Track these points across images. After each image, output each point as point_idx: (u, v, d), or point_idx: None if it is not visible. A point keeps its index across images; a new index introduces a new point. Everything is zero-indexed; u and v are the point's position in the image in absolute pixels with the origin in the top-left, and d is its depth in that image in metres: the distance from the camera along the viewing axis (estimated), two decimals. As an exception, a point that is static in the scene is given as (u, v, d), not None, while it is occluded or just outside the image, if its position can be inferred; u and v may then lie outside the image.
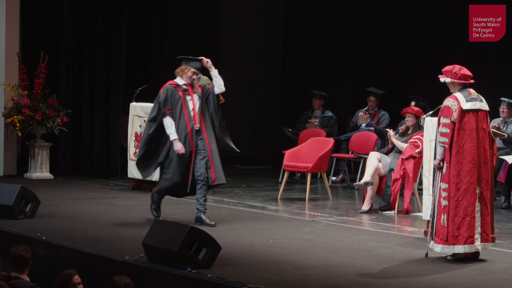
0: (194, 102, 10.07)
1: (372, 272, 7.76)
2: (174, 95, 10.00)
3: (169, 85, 10.08)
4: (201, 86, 10.21)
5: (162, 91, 10.06)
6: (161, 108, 9.96)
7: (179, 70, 10.13)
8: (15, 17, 14.10)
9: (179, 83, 10.09)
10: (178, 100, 9.97)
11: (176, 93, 10.01)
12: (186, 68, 10.11)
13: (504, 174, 11.78)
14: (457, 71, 8.26)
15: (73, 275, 6.47)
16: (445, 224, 8.12)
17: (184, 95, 10.04)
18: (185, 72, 10.08)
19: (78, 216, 10.50)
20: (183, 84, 10.08)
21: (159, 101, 10.00)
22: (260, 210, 11.37)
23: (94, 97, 14.53)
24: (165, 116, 9.93)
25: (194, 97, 10.09)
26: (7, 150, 14.11)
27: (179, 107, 9.95)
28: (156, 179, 12.39)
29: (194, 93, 10.11)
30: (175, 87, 10.05)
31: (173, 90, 10.02)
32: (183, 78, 10.10)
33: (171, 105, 9.95)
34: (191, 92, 10.10)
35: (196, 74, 10.18)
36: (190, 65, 10.13)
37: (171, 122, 9.91)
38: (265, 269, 7.79)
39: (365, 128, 14.36)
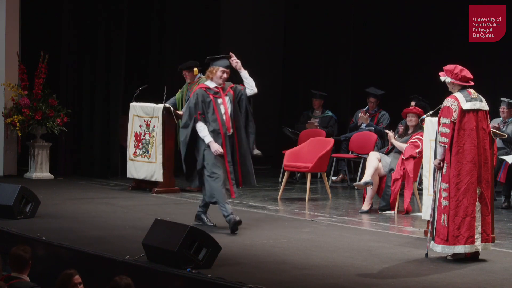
0: (226, 106, 9.67)
1: (372, 272, 7.76)
2: (205, 99, 9.58)
3: (199, 89, 9.69)
4: (232, 88, 9.77)
5: (193, 95, 9.72)
6: (192, 114, 9.57)
7: (208, 72, 9.71)
8: (15, 17, 14.10)
9: (209, 86, 9.66)
10: (209, 104, 9.58)
11: (206, 96, 9.60)
12: (214, 69, 9.66)
13: (504, 174, 11.78)
14: (458, 72, 8.26)
15: (73, 275, 6.47)
16: (445, 224, 8.12)
17: (215, 98, 9.63)
18: (214, 73, 9.66)
19: (78, 216, 10.50)
20: (214, 87, 9.66)
21: (189, 106, 9.63)
22: (260, 210, 11.37)
23: (94, 97, 14.53)
24: (197, 121, 9.55)
25: (226, 100, 9.67)
26: (7, 150, 14.11)
27: (211, 111, 9.56)
28: (156, 179, 12.45)
29: (225, 96, 9.68)
30: (206, 91, 9.63)
31: (203, 94, 9.61)
32: (213, 80, 9.67)
33: (202, 109, 9.56)
34: (222, 95, 9.67)
35: (226, 73, 9.67)
36: (217, 64, 9.68)
37: (204, 126, 9.54)
38: (265, 269, 7.79)
39: (365, 128, 14.36)
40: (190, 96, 12.50)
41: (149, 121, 12.54)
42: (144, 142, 12.56)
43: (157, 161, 12.37)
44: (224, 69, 9.64)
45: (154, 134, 12.44)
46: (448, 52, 14.52)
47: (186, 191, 12.72)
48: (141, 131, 12.62)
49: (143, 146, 12.56)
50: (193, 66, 12.71)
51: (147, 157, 12.51)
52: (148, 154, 12.49)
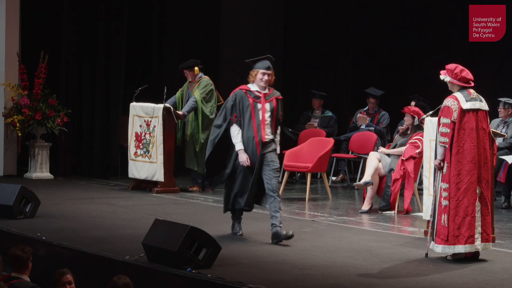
0: (265, 113, 9.01)
1: (372, 272, 7.76)
2: (244, 101, 8.99)
3: (239, 90, 9.10)
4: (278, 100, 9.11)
5: (231, 96, 9.10)
6: (228, 115, 9.03)
7: (249, 75, 9.13)
8: (15, 17, 14.10)
9: (251, 88, 9.06)
10: (248, 107, 8.97)
11: (246, 99, 9.00)
12: (254, 71, 9.08)
13: (504, 174, 11.79)
14: (458, 72, 8.26)
15: (65, 274, 6.49)
16: (445, 224, 8.12)
17: (255, 103, 9.00)
18: (254, 76, 9.07)
19: (78, 216, 10.50)
20: (255, 91, 9.04)
21: (226, 107, 9.07)
22: (260, 210, 11.35)
23: (94, 97, 14.53)
24: (232, 124, 9.00)
25: (266, 107, 9.02)
26: (7, 150, 14.11)
27: (248, 116, 8.97)
28: (157, 179, 12.45)
29: (267, 103, 9.04)
30: (246, 93, 9.04)
31: (242, 96, 9.02)
32: (255, 84, 9.06)
33: (239, 112, 8.98)
34: (263, 100, 9.03)
35: (267, 75, 9.04)
36: (256, 66, 9.09)
37: (238, 131, 8.99)
38: (265, 269, 7.79)
39: (365, 128, 14.36)
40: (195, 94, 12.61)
41: (149, 121, 12.54)
42: (145, 142, 12.56)
43: (158, 161, 12.37)
44: (264, 71, 9.04)
45: (154, 134, 12.44)
46: (448, 52, 14.52)
47: (186, 191, 12.72)
48: (142, 131, 12.62)
49: (144, 146, 12.56)
50: (194, 65, 12.73)
51: (148, 157, 12.51)
52: (149, 154, 12.49)
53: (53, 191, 12.54)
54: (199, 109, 12.53)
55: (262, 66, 9.05)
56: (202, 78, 12.77)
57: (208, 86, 12.65)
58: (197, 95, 12.53)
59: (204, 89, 12.60)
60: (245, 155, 8.94)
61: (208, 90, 12.62)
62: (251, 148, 8.97)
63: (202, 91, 12.57)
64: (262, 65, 9.07)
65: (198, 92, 12.55)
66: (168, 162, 12.43)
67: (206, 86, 12.65)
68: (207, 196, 12.39)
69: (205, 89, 12.61)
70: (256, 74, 9.05)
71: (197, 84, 12.71)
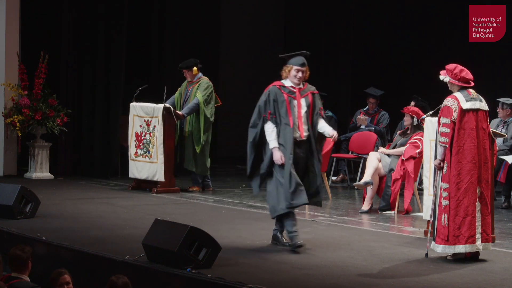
0: (301, 109, 8.66)
1: (372, 272, 7.76)
2: (278, 97, 8.63)
3: (273, 86, 8.74)
4: (313, 95, 8.78)
5: (265, 92, 8.75)
6: (262, 112, 8.65)
7: (283, 71, 8.80)
8: (15, 17, 14.10)
9: (285, 84, 8.72)
10: (283, 103, 8.61)
11: (280, 95, 8.64)
12: (288, 67, 8.75)
13: (504, 174, 11.79)
14: (457, 72, 8.26)
15: (62, 274, 6.48)
16: (445, 224, 8.12)
17: (290, 99, 8.64)
18: (288, 72, 8.74)
19: (78, 216, 10.50)
20: (289, 86, 8.70)
21: (259, 105, 8.70)
22: (260, 210, 11.36)
23: (94, 97, 14.53)
24: (266, 122, 8.60)
25: (302, 102, 8.68)
26: (7, 150, 14.11)
27: (284, 112, 8.59)
28: (158, 179, 12.44)
29: (302, 98, 8.70)
30: (280, 89, 8.70)
31: (277, 92, 8.66)
32: (289, 79, 8.73)
33: (274, 109, 8.61)
34: (298, 95, 8.69)
35: (301, 72, 8.69)
36: (291, 62, 8.75)
37: (272, 128, 8.57)
38: (265, 269, 7.79)
39: (365, 128, 14.36)
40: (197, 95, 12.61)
41: (149, 121, 12.54)
42: (145, 142, 12.56)
43: (159, 161, 12.37)
44: (299, 68, 8.69)
45: (154, 134, 12.44)
46: (448, 52, 14.53)
47: (186, 191, 12.72)
48: (142, 131, 12.62)
49: (144, 146, 12.56)
50: (193, 65, 12.72)
51: (148, 157, 12.51)
52: (149, 154, 12.49)
53: (53, 191, 12.54)
54: (201, 111, 12.53)
55: (296, 62, 8.73)
56: (202, 79, 12.77)
57: (209, 88, 12.65)
58: (200, 97, 12.52)
59: (206, 91, 12.60)
60: (280, 153, 8.50)
61: (209, 92, 12.63)
62: (288, 145, 8.52)
63: (204, 93, 12.57)
64: (296, 61, 8.74)
65: (200, 94, 12.54)
66: (168, 162, 12.43)
67: (207, 88, 12.64)
68: (207, 196, 12.39)
69: (207, 91, 12.61)
70: (290, 70, 8.73)
71: (196, 84, 12.70)
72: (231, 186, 13.54)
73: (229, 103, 16.11)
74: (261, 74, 17.96)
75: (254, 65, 18.04)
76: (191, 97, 12.67)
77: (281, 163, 8.47)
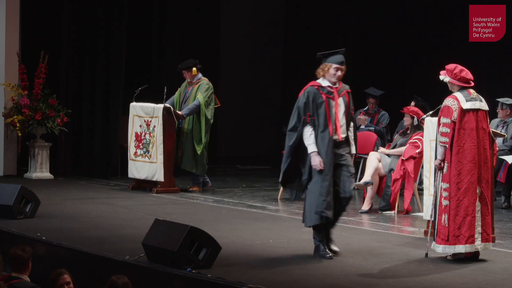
0: (338, 109, 8.32)
1: (372, 272, 7.76)
2: (317, 98, 8.28)
3: (310, 86, 8.39)
4: (349, 94, 8.47)
5: (302, 93, 8.39)
6: (301, 115, 8.27)
7: (319, 70, 8.43)
8: (15, 17, 14.10)
9: (322, 84, 8.36)
10: (321, 104, 8.27)
11: (319, 96, 8.30)
12: (326, 66, 8.37)
13: (504, 174, 11.79)
14: (457, 72, 8.26)
15: (62, 274, 6.48)
16: (446, 224, 8.12)
17: (328, 99, 8.30)
18: (326, 71, 8.36)
19: (78, 216, 10.50)
20: (327, 86, 8.35)
21: (298, 106, 8.32)
22: (260, 210, 11.37)
23: (94, 97, 14.53)
24: (306, 124, 8.25)
25: (340, 102, 8.34)
26: (7, 150, 14.11)
27: (322, 114, 8.25)
28: (157, 179, 12.44)
29: (339, 98, 8.35)
30: (318, 89, 8.34)
31: (315, 93, 8.31)
32: (326, 79, 8.38)
33: (313, 110, 8.26)
34: (336, 95, 8.34)
35: (340, 70, 8.35)
36: (329, 60, 8.39)
37: (311, 132, 8.23)
38: (265, 269, 7.79)
39: (365, 128, 14.35)
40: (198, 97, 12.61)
41: (149, 121, 12.54)
42: (145, 142, 12.56)
43: (158, 161, 12.37)
44: (338, 66, 8.34)
45: (154, 134, 12.44)
46: (448, 52, 14.51)
47: (186, 191, 12.72)
48: (142, 131, 12.62)
49: (144, 146, 12.56)
50: (192, 66, 12.72)
51: (148, 157, 12.51)
52: (149, 154, 12.49)
53: (53, 191, 12.55)
54: (202, 112, 12.52)
55: (335, 61, 8.36)
56: (202, 80, 12.76)
57: (209, 89, 12.65)
58: (201, 99, 12.51)
59: (207, 92, 12.60)
60: (319, 158, 8.15)
61: (209, 93, 12.63)
62: (326, 149, 8.19)
63: (205, 94, 12.56)
64: (335, 59, 8.37)
65: (201, 96, 12.54)
66: (168, 162, 12.43)
67: (208, 89, 12.64)
68: (207, 196, 12.39)
69: (207, 92, 12.61)
70: (329, 68, 8.34)
71: (196, 85, 12.70)
72: (231, 186, 13.54)
73: (229, 103, 16.13)
74: (261, 74, 18.02)
75: (253, 65, 18.05)
76: (190, 97, 12.67)
77: (320, 169, 8.14)
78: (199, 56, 13.60)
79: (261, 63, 18.00)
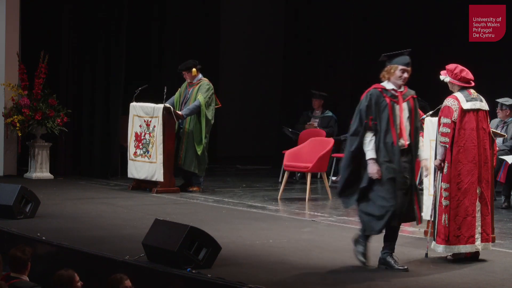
0: (403, 114, 7.83)
1: (372, 272, 7.76)
2: (380, 102, 7.81)
3: (373, 89, 7.95)
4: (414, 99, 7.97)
5: (364, 96, 7.97)
6: (363, 118, 7.83)
7: (384, 72, 8.05)
8: (15, 17, 14.10)
9: (386, 87, 7.91)
10: (385, 108, 7.80)
11: (382, 99, 7.83)
12: (392, 67, 7.97)
13: (504, 174, 11.78)
14: (458, 72, 8.26)
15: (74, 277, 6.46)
16: (446, 224, 8.12)
17: (392, 103, 7.82)
18: (391, 73, 7.95)
19: (78, 216, 10.50)
20: (391, 89, 7.89)
21: (360, 109, 7.88)
22: (260, 210, 11.37)
23: (94, 97, 14.53)
24: (368, 129, 7.79)
25: (404, 107, 7.85)
26: (7, 150, 14.11)
27: (385, 118, 7.78)
28: (157, 179, 12.44)
29: (404, 102, 7.87)
30: (381, 92, 7.88)
31: (378, 96, 7.84)
32: (391, 81, 7.94)
33: (375, 114, 7.81)
34: (400, 100, 7.87)
35: (407, 72, 7.90)
36: (395, 62, 7.98)
37: (371, 137, 7.77)
38: (265, 269, 7.79)
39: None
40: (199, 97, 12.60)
41: (149, 121, 12.53)
42: (145, 142, 12.56)
43: (158, 161, 12.37)
44: (404, 68, 7.90)
45: (154, 134, 12.44)
46: (448, 52, 14.50)
47: (186, 191, 12.72)
48: (141, 131, 12.61)
49: (144, 146, 12.56)
50: (192, 67, 12.72)
51: (147, 157, 12.51)
52: (149, 154, 12.49)
53: (53, 191, 12.55)
54: (203, 113, 12.52)
55: (402, 62, 7.93)
56: (202, 81, 12.76)
57: (210, 90, 12.65)
58: (202, 100, 12.50)
59: (207, 93, 12.60)
60: (376, 167, 7.71)
61: (210, 94, 12.63)
62: (390, 156, 7.74)
63: (205, 95, 12.56)
64: (401, 60, 7.94)
65: (202, 96, 12.53)
66: (167, 162, 12.43)
67: (208, 90, 12.64)
68: (207, 196, 12.39)
69: (208, 93, 12.61)
70: (395, 70, 7.93)
71: (196, 86, 12.69)
72: (231, 186, 13.54)
73: (229, 103, 16.12)
74: (261, 74, 18.02)
75: (253, 65, 18.05)
76: (190, 98, 12.66)
77: (377, 178, 7.71)
78: (199, 56, 13.61)
79: (261, 63, 18.00)
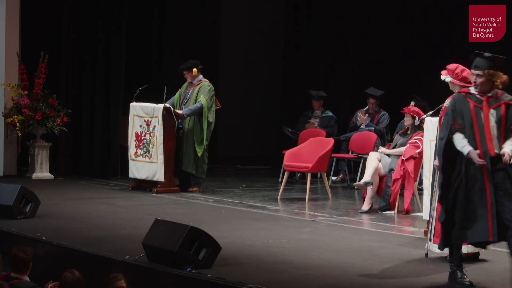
0: (489, 120, 7.25)
1: (372, 272, 7.76)
2: (463, 106, 7.30)
3: (458, 93, 7.48)
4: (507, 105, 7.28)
5: (450, 101, 7.63)
6: (449, 123, 7.33)
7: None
8: (15, 17, 14.10)
9: (471, 91, 7.37)
10: (468, 113, 7.27)
11: (465, 104, 7.31)
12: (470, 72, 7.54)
13: (504, 174, 11.76)
14: (459, 72, 8.26)
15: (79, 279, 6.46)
16: (445, 224, 8.11)
17: (476, 108, 7.27)
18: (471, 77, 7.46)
19: (78, 216, 10.50)
20: (476, 94, 7.34)
21: (447, 113, 7.41)
22: (260, 210, 11.37)
23: (94, 97, 14.53)
24: (454, 132, 7.27)
25: (490, 113, 7.26)
26: (7, 150, 14.11)
27: (469, 124, 7.25)
28: (158, 179, 12.44)
29: (492, 109, 7.26)
30: (465, 96, 7.36)
31: (462, 100, 7.33)
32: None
33: (460, 119, 7.31)
34: (486, 105, 7.27)
35: (475, 76, 7.30)
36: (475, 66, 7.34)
37: (462, 136, 7.21)
38: (265, 269, 7.79)
39: (365, 128, 14.37)
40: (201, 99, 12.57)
41: (149, 121, 12.54)
42: (145, 142, 12.56)
43: (158, 161, 12.37)
44: (472, 71, 7.39)
45: (154, 134, 12.44)
46: (448, 52, 14.51)
47: (186, 191, 12.71)
48: (142, 131, 12.62)
49: (144, 146, 12.56)
50: (193, 67, 12.72)
51: (148, 157, 12.51)
52: (149, 154, 12.49)
53: (53, 191, 12.55)
54: (205, 115, 12.52)
55: (472, 65, 7.40)
56: (203, 81, 12.75)
57: (211, 91, 12.65)
58: (204, 101, 12.50)
59: (209, 95, 12.59)
60: (476, 152, 7.10)
61: (211, 95, 12.63)
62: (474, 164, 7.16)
63: (207, 97, 12.55)
64: (474, 63, 7.38)
65: (204, 98, 12.52)
66: (168, 162, 12.43)
67: (210, 91, 12.64)
68: (207, 196, 12.39)
69: (209, 94, 12.60)
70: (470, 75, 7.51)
71: (197, 86, 12.69)
72: (231, 186, 13.54)
73: (229, 103, 16.12)
74: (261, 74, 18.02)
75: (253, 65, 18.05)
76: (191, 98, 12.66)
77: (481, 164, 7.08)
78: (199, 56, 13.60)
79: (261, 64, 18.00)
